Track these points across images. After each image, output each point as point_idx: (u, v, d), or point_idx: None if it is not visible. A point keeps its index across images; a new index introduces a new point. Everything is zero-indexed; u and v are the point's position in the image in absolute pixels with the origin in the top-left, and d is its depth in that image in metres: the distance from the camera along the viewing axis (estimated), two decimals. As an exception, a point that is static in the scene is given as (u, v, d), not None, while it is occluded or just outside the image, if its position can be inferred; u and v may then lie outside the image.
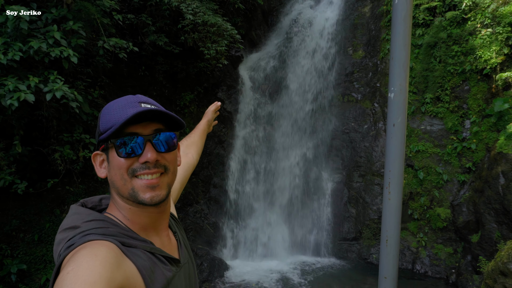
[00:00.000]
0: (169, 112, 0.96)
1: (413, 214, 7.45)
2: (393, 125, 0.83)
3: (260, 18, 10.80)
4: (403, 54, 0.81)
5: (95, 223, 0.92)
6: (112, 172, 0.96)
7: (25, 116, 4.72)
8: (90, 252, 0.80)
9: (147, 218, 1.00)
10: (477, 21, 7.05)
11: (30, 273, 4.90)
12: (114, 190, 0.98)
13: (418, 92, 7.84)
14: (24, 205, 5.13)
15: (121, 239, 0.90)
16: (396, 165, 0.82)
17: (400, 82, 0.81)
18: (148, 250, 0.94)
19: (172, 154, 1.00)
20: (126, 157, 0.93)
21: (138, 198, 0.94)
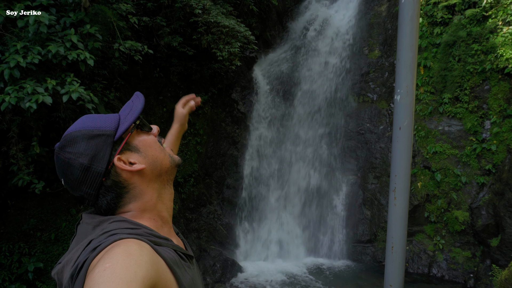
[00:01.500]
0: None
1: (429, 217, 7.29)
2: (399, 128, 0.80)
3: (274, 19, 10.78)
4: (410, 56, 0.78)
5: (118, 223, 0.90)
6: (152, 153, 1.02)
7: (43, 117, 4.83)
8: (125, 250, 0.78)
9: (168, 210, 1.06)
10: (498, 19, 6.85)
11: (46, 271, 5.01)
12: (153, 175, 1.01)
13: (436, 92, 7.67)
14: (41, 204, 5.25)
15: (148, 238, 0.89)
16: (403, 170, 0.79)
17: (406, 84, 0.78)
18: (171, 248, 0.95)
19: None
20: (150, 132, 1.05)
21: (176, 160, 1.07)
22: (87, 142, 0.92)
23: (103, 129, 0.94)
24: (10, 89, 3.99)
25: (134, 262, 0.76)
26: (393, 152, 0.82)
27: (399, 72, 0.82)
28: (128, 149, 0.98)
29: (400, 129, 0.79)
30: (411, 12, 0.75)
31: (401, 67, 0.80)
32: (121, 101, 6.61)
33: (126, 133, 0.98)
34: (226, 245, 7.75)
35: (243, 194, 8.40)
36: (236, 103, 9.02)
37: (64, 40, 4.41)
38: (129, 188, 0.96)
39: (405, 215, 0.79)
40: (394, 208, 0.81)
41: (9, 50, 4.16)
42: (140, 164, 0.98)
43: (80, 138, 0.93)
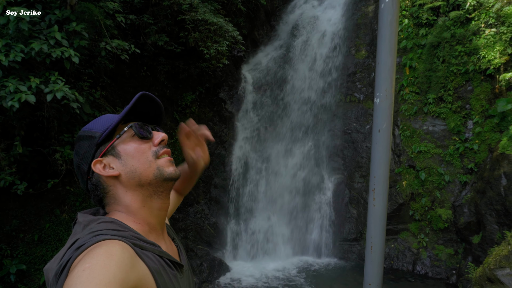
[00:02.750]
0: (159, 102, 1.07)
1: (414, 215, 7.42)
2: (378, 131, 0.82)
3: (263, 18, 10.79)
4: (389, 60, 0.79)
5: (105, 224, 0.92)
6: (131, 161, 1.00)
7: (26, 116, 4.74)
8: (106, 251, 0.79)
9: (157, 218, 1.04)
10: (481, 21, 7.00)
11: (29, 273, 4.92)
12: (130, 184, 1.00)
13: (421, 92, 7.80)
14: (24, 205, 5.15)
15: (132, 241, 0.90)
16: (381, 172, 0.81)
17: (385, 88, 0.80)
18: (157, 254, 0.95)
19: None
20: (144, 140, 1.02)
21: (165, 174, 1.01)
22: (80, 143, 1.03)
23: (93, 131, 1.01)
24: (-8, 88, 3.90)
25: (114, 263, 0.77)
26: (372, 154, 0.84)
27: (379, 76, 0.83)
28: (112, 154, 1.01)
29: (379, 131, 0.81)
30: (390, 17, 0.77)
31: (380, 71, 0.82)
32: (108, 100, 6.53)
33: (112, 137, 1.02)
34: (213, 244, 7.73)
35: (230, 193, 8.40)
36: (224, 102, 9.01)
37: (48, 37, 4.34)
38: (107, 190, 1.01)
39: (384, 216, 0.80)
40: (373, 208, 0.83)
41: (-10, 48, 4.06)
42: (114, 170, 1.01)
43: (79, 138, 1.04)
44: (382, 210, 0.82)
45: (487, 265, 4.01)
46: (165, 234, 1.11)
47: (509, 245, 3.84)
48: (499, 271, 3.70)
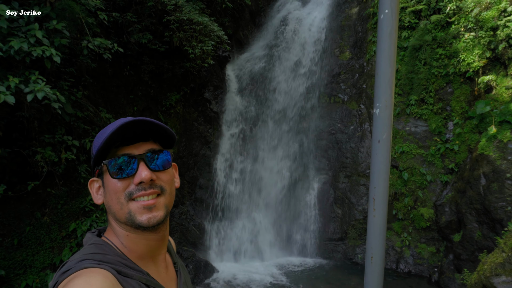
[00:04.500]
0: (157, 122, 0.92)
1: (397, 214, 7.55)
2: (378, 142, 0.82)
3: (247, 18, 10.77)
4: (389, 70, 0.80)
5: (94, 247, 0.91)
6: (108, 197, 0.94)
7: (5, 117, 4.58)
8: (85, 282, 0.77)
9: (145, 246, 0.96)
10: (460, 25, 7.19)
11: (9, 279, 4.76)
12: (111, 215, 0.96)
13: (403, 94, 7.95)
14: (2, 208, 4.97)
15: (117, 267, 0.87)
16: (381, 182, 0.81)
17: (385, 98, 0.81)
18: (143, 282, 0.90)
19: (167, 173, 0.97)
20: (120, 178, 0.91)
21: (136, 221, 0.91)
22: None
23: (93, 146, 0.97)
24: (-32, 87, 3.75)
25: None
26: (372, 165, 0.84)
27: (378, 86, 0.84)
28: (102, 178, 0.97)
29: (379, 142, 0.81)
30: (390, 28, 0.77)
31: (380, 81, 0.82)
32: (90, 100, 6.38)
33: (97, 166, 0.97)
34: (199, 246, 7.68)
35: (215, 194, 8.35)
36: (208, 102, 8.95)
37: (28, 35, 4.20)
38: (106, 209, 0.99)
39: (384, 226, 0.81)
40: (373, 219, 0.83)
41: (-34, 45, 3.91)
42: (100, 198, 0.98)
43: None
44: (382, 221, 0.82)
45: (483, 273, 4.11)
46: (161, 259, 1.04)
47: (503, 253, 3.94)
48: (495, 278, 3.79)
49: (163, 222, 0.94)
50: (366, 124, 8.36)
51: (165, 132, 0.95)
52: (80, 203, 5.62)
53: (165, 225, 0.99)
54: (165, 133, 0.96)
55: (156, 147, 0.96)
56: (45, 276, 4.94)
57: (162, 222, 0.94)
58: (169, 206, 0.97)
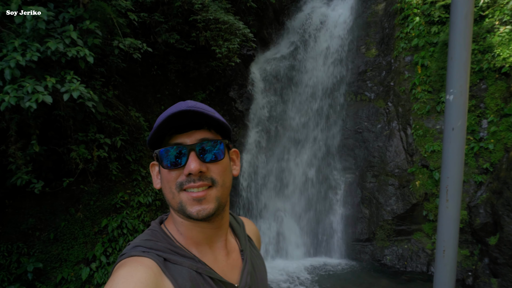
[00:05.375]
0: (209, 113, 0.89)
1: (428, 216, 7.33)
2: (452, 129, 0.78)
3: (271, 17, 10.75)
4: (464, 54, 0.76)
5: (149, 233, 0.94)
6: (162, 185, 0.95)
7: (42, 115, 4.75)
8: (128, 273, 0.80)
9: (200, 234, 0.96)
10: (495, 18, 6.89)
11: (46, 272, 4.94)
12: (168, 203, 0.96)
13: (434, 91, 7.71)
14: (40, 204, 5.17)
15: (166, 255, 0.88)
16: (455, 172, 0.77)
17: (460, 84, 0.77)
18: (194, 269, 0.90)
19: (220, 164, 0.94)
20: (171, 168, 0.91)
21: (186, 212, 0.90)
22: None
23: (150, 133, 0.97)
24: (9, 88, 3.90)
25: (134, 285, 0.77)
26: (445, 154, 0.80)
27: (452, 71, 0.80)
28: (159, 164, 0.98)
29: (453, 129, 0.77)
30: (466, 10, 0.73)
31: (454, 66, 0.78)
32: (119, 99, 6.54)
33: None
34: (224, 244, 7.71)
35: (241, 193, 8.38)
36: (233, 101, 8.99)
37: (63, 36, 4.34)
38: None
39: (457, 218, 0.77)
40: (446, 210, 0.79)
41: (6, 47, 4.08)
42: (158, 183, 0.99)
43: None
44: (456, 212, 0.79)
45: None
46: (220, 246, 1.02)
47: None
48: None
49: (214, 214, 0.92)
50: (394, 123, 8.16)
51: (216, 121, 0.92)
52: (111, 200, 5.76)
53: (220, 216, 0.97)
54: (217, 122, 0.93)
55: (209, 136, 0.93)
56: (79, 270, 5.10)
57: (213, 215, 0.92)
58: (222, 198, 0.94)
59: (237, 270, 1.02)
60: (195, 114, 0.88)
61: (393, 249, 7.50)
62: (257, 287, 1.04)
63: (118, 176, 5.90)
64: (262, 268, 1.11)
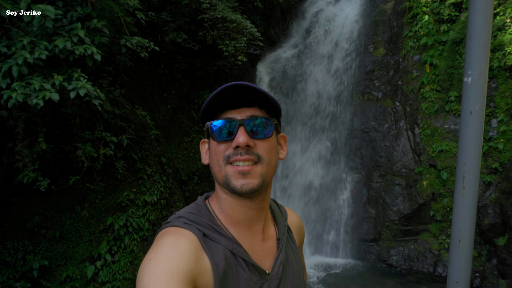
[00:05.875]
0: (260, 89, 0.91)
1: (435, 216, 7.25)
2: (470, 113, 0.75)
3: (278, 16, 10.72)
4: (484, 34, 0.72)
5: (194, 207, 0.99)
6: (210, 159, 0.99)
7: (49, 113, 4.77)
8: (172, 242, 0.85)
9: (241, 213, 0.97)
10: (506, 16, 6.79)
11: (51, 269, 4.95)
12: (214, 177, 0.99)
13: (442, 90, 7.62)
14: (45, 201, 5.19)
15: (206, 230, 0.92)
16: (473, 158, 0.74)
17: (480, 65, 0.73)
18: (229, 249, 0.92)
19: (267, 142, 0.96)
20: (220, 141, 0.94)
21: (230, 185, 0.92)
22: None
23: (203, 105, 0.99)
24: (17, 85, 3.92)
25: (178, 253, 0.81)
26: (462, 138, 0.77)
27: (471, 52, 0.76)
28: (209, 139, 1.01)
29: (471, 113, 0.73)
30: (485, -14, 0.70)
31: (473, 46, 0.75)
32: (126, 98, 6.55)
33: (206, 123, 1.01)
34: (230, 243, 7.69)
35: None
36: (240, 100, 8.97)
37: (71, 34, 4.35)
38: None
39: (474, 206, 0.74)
40: (462, 198, 0.76)
41: (15, 45, 4.10)
42: (207, 159, 1.03)
43: None
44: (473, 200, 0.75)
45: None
46: (258, 230, 1.02)
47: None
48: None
49: (257, 191, 0.94)
50: (401, 122, 8.08)
51: (268, 100, 0.94)
52: (117, 199, 5.77)
53: (262, 195, 0.98)
54: (269, 100, 0.95)
55: (259, 114, 0.95)
56: (84, 268, 5.11)
57: (256, 191, 0.93)
58: (267, 176, 0.96)
59: (271, 258, 1.02)
60: (248, 90, 0.90)
61: (400, 250, 7.42)
62: (289, 279, 1.03)
63: (124, 174, 5.91)
64: (297, 263, 1.10)
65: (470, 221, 0.75)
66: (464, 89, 0.77)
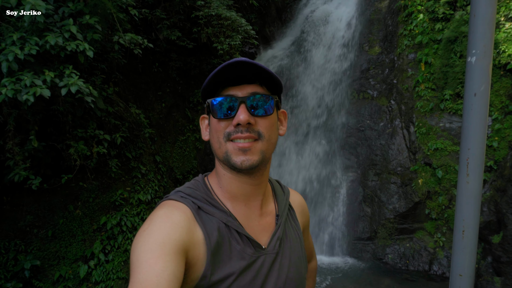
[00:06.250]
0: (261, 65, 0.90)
1: (430, 214, 7.25)
2: (474, 95, 0.71)
3: (274, 15, 10.69)
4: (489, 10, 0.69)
5: (193, 183, 1.02)
6: (211, 135, 0.99)
7: (40, 111, 4.69)
8: (165, 214, 0.88)
9: (238, 188, 0.98)
10: (501, 14, 6.81)
11: (43, 269, 4.88)
12: (214, 153, 1.00)
13: (437, 88, 7.63)
14: (38, 200, 5.11)
15: (201, 203, 0.94)
16: (477, 142, 0.70)
17: (484, 43, 0.69)
18: (223, 221, 0.93)
19: (268, 119, 0.96)
20: (221, 118, 0.93)
21: (231, 162, 0.93)
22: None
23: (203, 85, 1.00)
24: (7, 81, 3.85)
25: (170, 225, 0.84)
26: (465, 123, 0.73)
27: (475, 30, 0.72)
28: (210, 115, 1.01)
29: (475, 95, 0.70)
30: (491, -43, 0.67)
31: (477, 23, 0.71)
32: (120, 96, 6.48)
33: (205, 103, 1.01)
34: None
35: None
36: (235, 99, 8.92)
37: (63, 30, 4.28)
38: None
39: (479, 194, 0.70)
40: (466, 186, 0.72)
41: (5, 41, 4.02)
42: (207, 135, 1.03)
43: None
44: (477, 188, 0.72)
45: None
46: (256, 205, 1.02)
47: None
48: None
49: (257, 167, 0.94)
50: (397, 121, 8.08)
51: (270, 76, 0.94)
52: (111, 197, 5.70)
53: (261, 171, 0.99)
54: (270, 77, 0.94)
55: (260, 91, 0.95)
56: (77, 268, 5.03)
57: (256, 167, 0.94)
58: (267, 153, 0.96)
59: (269, 233, 1.02)
60: (249, 66, 0.90)
61: (395, 248, 7.42)
62: (287, 255, 1.02)
63: (118, 173, 5.84)
64: (297, 241, 1.09)
65: (474, 210, 0.71)
66: (467, 69, 0.74)
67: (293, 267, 1.02)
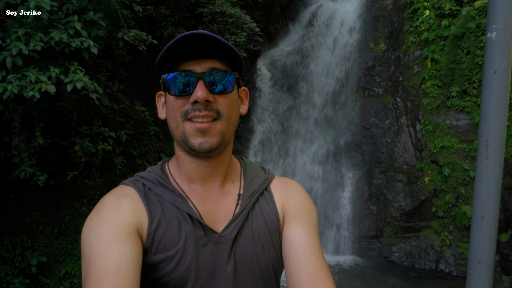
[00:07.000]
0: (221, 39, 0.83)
1: (437, 212, 7.18)
2: (494, 72, 0.68)
3: (278, 12, 10.64)
4: None
5: (153, 166, 1.02)
6: (167, 114, 0.93)
7: (46, 108, 4.70)
8: (111, 201, 0.87)
9: (194, 170, 0.94)
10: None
11: (50, 265, 4.89)
12: (171, 133, 0.95)
13: (444, 85, 7.55)
14: (44, 197, 5.13)
15: (151, 184, 0.93)
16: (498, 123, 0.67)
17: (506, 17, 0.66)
18: (171, 202, 0.90)
19: (227, 97, 0.89)
20: (177, 96, 0.87)
21: (188, 143, 0.88)
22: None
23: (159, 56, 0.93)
24: (13, 78, 3.86)
25: (116, 211, 0.84)
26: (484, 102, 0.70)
27: (495, 3, 0.69)
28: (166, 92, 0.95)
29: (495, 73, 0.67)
30: None
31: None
32: (124, 93, 6.48)
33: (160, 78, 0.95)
34: (230, 240, 7.64)
35: (247, 189, 8.28)
36: (240, 97, 8.90)
37: (67, 27, 4.28)
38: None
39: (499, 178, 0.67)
40: (486, 169, 0.69)
41: (10, 37, 4.03)
42: (163, 113, 0.98)
43: None
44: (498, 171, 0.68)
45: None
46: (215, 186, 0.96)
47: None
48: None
49: (217, 150, 0.90)
50: (403, 118, 8.01)
51: (229, 51, 0.87)
52: (116, 194, 5.70)
53: (219, 154, 0.94)
54: (230, 51, 0.87)
55: (219, 67, 0.88)
56: (83, 265, 5.04)
57: (215, 149, 0.89)
58: (226, 134, 0.90)
59: (228, 216, 0.94)
60: (207, 39, 0.83)
61: (401, 246, 7.36)
62: (248, 243, 0.92)
63: (123, 170, 5.84)
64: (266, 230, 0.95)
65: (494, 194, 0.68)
66: (487, 45, 0.70)
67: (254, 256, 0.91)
